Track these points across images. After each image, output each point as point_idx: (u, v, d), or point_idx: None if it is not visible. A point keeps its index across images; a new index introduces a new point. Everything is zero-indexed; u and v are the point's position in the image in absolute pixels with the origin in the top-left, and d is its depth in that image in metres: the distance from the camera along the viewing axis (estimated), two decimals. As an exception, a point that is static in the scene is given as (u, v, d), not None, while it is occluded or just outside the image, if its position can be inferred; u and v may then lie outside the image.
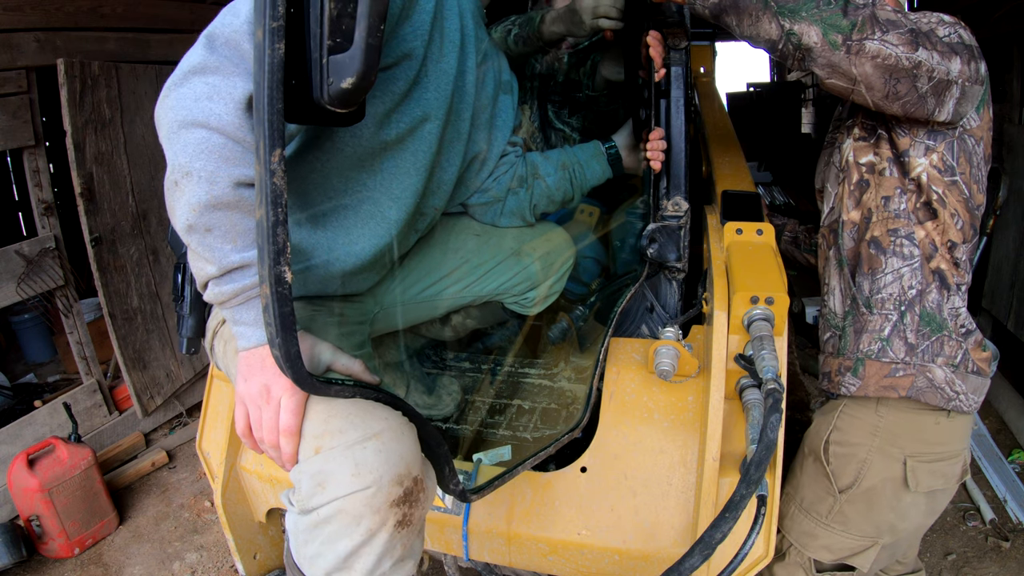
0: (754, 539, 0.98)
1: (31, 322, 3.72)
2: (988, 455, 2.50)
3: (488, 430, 1.58)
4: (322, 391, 0.84)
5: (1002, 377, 2.79)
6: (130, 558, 2.38)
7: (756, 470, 0.95)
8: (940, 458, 1.23)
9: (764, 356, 1.11)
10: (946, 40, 1.07)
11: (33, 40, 2.48)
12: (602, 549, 1.24)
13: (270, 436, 0.88)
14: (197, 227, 0.83)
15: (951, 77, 1.07)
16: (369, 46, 0.74)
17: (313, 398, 0.88)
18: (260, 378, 0.87)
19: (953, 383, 1.19)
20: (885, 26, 1.05)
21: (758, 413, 1.12)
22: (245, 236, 0.86)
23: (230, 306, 0.88)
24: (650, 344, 1.32)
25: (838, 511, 1.25)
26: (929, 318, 1.20)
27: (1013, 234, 2.71)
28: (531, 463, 1.26)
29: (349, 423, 0.86)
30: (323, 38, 0.74)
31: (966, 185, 1.17)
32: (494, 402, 1.66)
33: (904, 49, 1.05)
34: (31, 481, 2.25)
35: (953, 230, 1.18)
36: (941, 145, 1.16)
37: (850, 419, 1.25)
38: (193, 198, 0.81)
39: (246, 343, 0.88)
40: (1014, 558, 2.09)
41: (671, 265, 1.47)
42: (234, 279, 0.86)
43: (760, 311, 1.20)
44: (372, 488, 0.83)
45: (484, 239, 1.45)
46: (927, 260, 1.20)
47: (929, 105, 1.10)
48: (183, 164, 0.81)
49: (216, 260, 0.85)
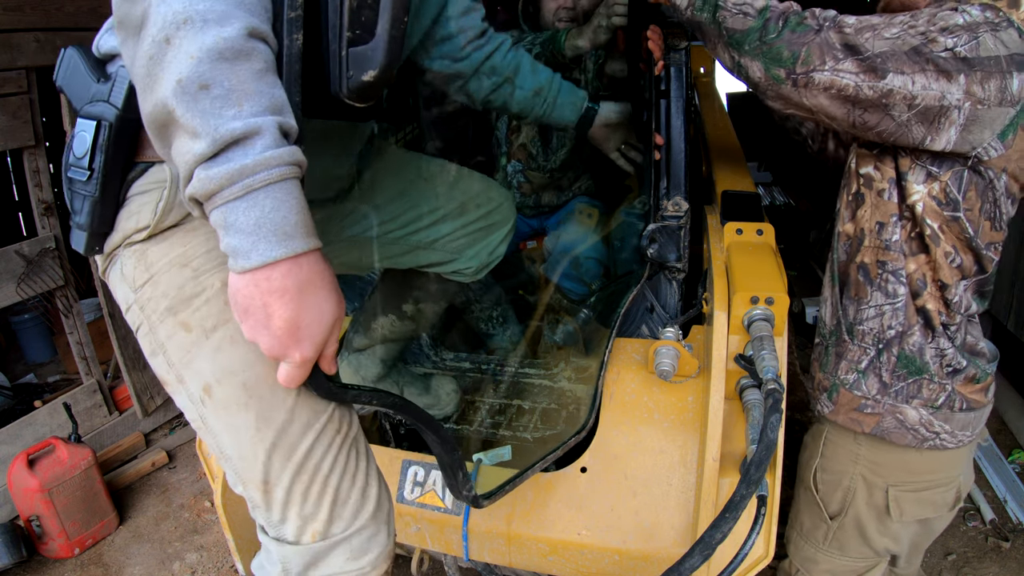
0: (754, 539, 0.98)
1: (31, 322, 3.71)
2: (988, 455, 2.50)
3: (488, 431, 1.58)
4: (340, 397, 0.81)
5: (1002, 377, 2.79)
6: (130, 558, 2.38)
7: (756, 470, 0.95)
8: (927, 487, 1.15)
9: (764, 356, 1.11)
10: (945, 55, 0.88)
11: (33, 40, 2.47)
12: (602, 549, 1.24)
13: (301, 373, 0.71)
14: (188, 83, 0.60)
15: (947, 102, 0.89)
16: (392, 38, 0.71)
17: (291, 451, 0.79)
18: (283, 309, 0.65)
19: (931, 424, 1.09)
20: (841, 53, 0.91)
21: (758, 413, 1.12)
22: (254, 99, 0.63)
23: (222, 200, 0.62)
24: (650, 344, 1.32)
25: (833, 537, 1.22)
26: (908, 361, 1.09)
27: (1013, 234, 2.71)
28: (541, 466, 1.26)
29: (347, 508, 0.84)
30: (342, 29, 0.71)
31: (972, 222, 0.99)
32: (494, 402, 1.66)
33: (866, 77, 0.91)
34: (31, 481, 2.24)
35: (946, 270, 1.03)
36: (947, 174, 0.97)
37: (833, 447, 1.21)
38: (194, 45, 0.60)
39: (246, 261, 0.63)
40: (1014, 558, 2.09)
41: (671, 265, 1.47)
42: (231, 157, 0.62)
43: (760, 311, 1.20)
44: (367, 568, 0.87)
45: (432, 184, 1.32)
46: (914, 297, 1.07)
47: (915, 134, 0.94)
48: (179, 12, 0.61)
49: (210, 129, 0.61)
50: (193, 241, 0.80)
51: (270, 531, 0.86)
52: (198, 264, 0.79)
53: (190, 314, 0.79)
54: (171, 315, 0.79)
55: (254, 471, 0.80)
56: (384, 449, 1.45)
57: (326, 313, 0.69)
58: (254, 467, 0.80)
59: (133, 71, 0.64)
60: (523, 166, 2.20)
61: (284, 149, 0.64)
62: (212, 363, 0.78)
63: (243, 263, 0.64)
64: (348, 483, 0.84)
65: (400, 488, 1.38)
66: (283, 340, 0.67)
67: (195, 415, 0.82)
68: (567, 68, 1.88)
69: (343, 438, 0.84)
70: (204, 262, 0.79)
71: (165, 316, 0.80)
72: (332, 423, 0.83)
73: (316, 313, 0.68)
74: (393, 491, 1.38)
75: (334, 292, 0.70)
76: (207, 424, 0.82)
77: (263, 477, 0.80)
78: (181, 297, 0.79)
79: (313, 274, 0.67)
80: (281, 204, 0.64)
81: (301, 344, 0.68)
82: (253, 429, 0.78)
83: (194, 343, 0.79)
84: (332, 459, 0.83)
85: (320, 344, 0.70)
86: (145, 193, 0.79)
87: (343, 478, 0.84)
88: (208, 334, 0.79)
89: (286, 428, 0.79)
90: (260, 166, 0.62)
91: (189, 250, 0.80)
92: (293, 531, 0.83)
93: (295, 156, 0.65)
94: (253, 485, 0.81)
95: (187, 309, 0.79)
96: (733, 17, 1.01)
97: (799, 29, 0.94)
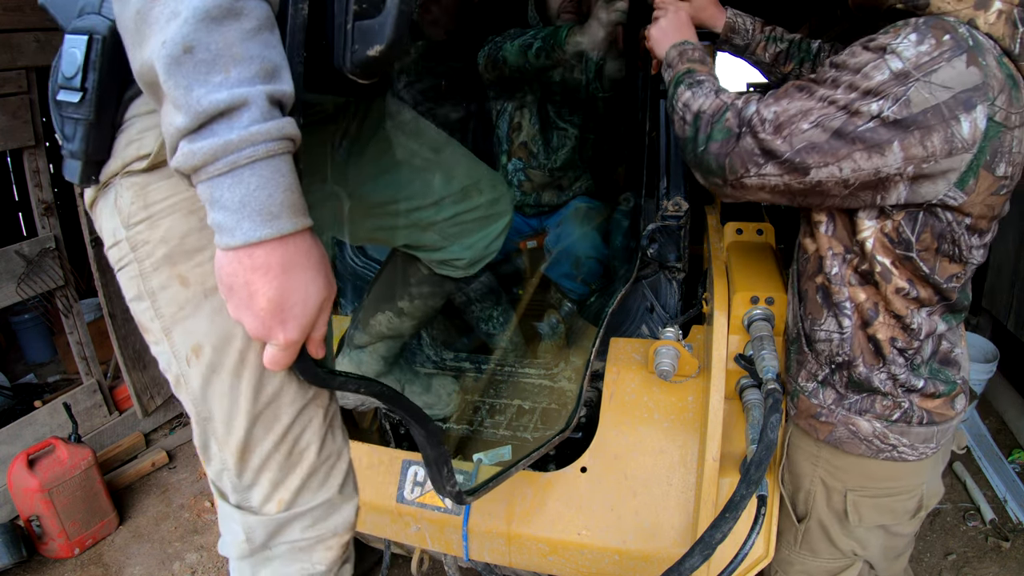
0: (754, 539, 0.98)
1: (31, 322, 3.71)
2: (988, 455, 2.50)
3: (477, 429, 1.58)
4: (327, 383, 0.79)
5: (1002, 377, 2.79)
6: (130, 558, 2.38)
7: (756, 470, 0.95)
8: (887, 494, 1.10)
9: (764, 356, 1.11)
10: (872, 126, 0.80)
11: (33, 40, 2.47)
12: (602, 549, 1.24)
13: (286, 356, 0.69)
14: (172, 45, 0.55)
15: (885, 173, 0.83)
16: (401, 12, 0.67)
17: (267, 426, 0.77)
18: (266, 288, 0.63)
19: (885, 436, 1.04)
20: (761, 158, 0.88)
21: (758, 413, 1.12)
22: (243, 65, 0.58)
23: (207, 175, 0.59)
24: (650, 344, 1.32)
25: (803, 540, 1.20)
26: (857, 385, 1.04)
27: (1013, 234, 2.71)
28: (524, 464, 1.26)
29: (316, 480, 0.84)
30: (349, 1, 0.69)
31: (926, 262, 0.92)
32: (482, 401, 1.66)
33: (791, 177, 0.87)
34: (31, 481, 2.24)
35: (898, 303, 0.96)
36: (899, 214, 0.89)
37: (795, 448, 1.18)
38: (182, 2, 0.56)
39: (231, 239, 0.61)
40: (1014, 558, 2.09)
41: (671, 265, 1.47)
42: (216, 131, 0.58)
43: (760, 311, 1.20)
44: (327, 534, 0.86)
45: (440, 157, 1.26)
46: (864, 326, 1.00)
47: (864, 199, 0.89)
48: None
49: (192, 101, 0.56)
50: None
51: (233, 496, 0.83)
52: (205, 214, 0.71)
53: (190, 268, 0.73)
54: (168, 264, 0.73)
55: (234, 436, 0.78)
56: (384, 449, 1.45)
57: (312, 294, 0.66)
58: (235, 433, 0.78)
59: (122, 24, 0.60)
60: (524, 164, 2.19)
61: (272, 123, 0.59)
62: (209, 325, 0.74)
63: (227, 240, 0.61)
64: (322, 458, 0.84)
65: (400, 488, 1.38)
66: (266, 321, 0.64)
67: (175, 372, 0.78)
68: (568, 63, 1.88)
69: (324, 412, 0.83)
70: None
71: (161, 264, 0.73)
72: (319, 398, 0.82)
73: (302, 294, 0.65)
74: (393, 491, 1.38)
75: (322, 273, 0.67)
76: (187, 383, 0.78)
77: (243, 443, 0.78)
78: (184, 248, 0.72)
79: (299, 253, 0.64)
80: (267, 182, 0.60)
81: (286, 325, 0.65)
82: (242, 397, 0.76)
83: (190, 300, 0.74)
84: (312, 433, 0.82)
85: (306, 326, 0.67)
86: (146, 115, 0.71)
87: (319, 452, 0.83)
88: (208, 294, 0.73)
89: (275, 398, 0.77)
90: (245, 142, 0.58)
91: (196, 195, 0.70)
92: (260, 497, 0.82)
93: (285, 130, 0.61)
94: (229, 450, 0.79)
95: (188, 262, 0.73)
96: (678, 121, 1.02)
97: (720, 137, 0.92)
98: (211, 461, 0.82)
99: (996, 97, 0.80)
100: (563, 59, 1.80)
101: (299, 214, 0.64)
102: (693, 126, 0.97)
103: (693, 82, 1.04)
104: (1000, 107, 0.80)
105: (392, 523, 1.40)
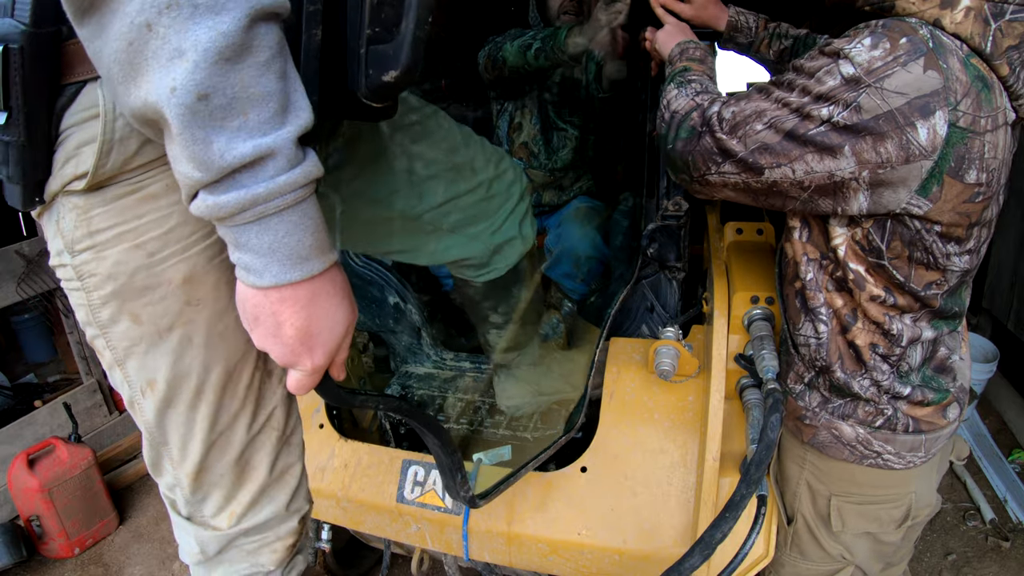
0: (754, 539, 0.98)
1: (31, 322, 3.71)
2: (988, 455, 2.50)
3: (479, 428, 1.58)
4: (349, 402, 0.82)
5: (1002, 377, 2.79)
6: (130, 558, 2.38)
7: (756, 470, 0.95)
8: (872, 501, 1.08)
9: (764, 356, 1.11)
10: (823, 130, 0.80)
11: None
12: (602, 549, 1.24)
13: (313, 380, 0.70)
14: (184, 93, 0.51)
15: (839, 177, 0.82)
16: (416, 38, 0.66)
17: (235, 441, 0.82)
18: (294, 319, 0.63)
19: (869, 443, 1.02)
20: (719, 157, 0.90)
21: (758, 413, 1.12)
22: (261, 105, 0.54)
23: (234, 223, 0.57)
24: (650, 344, 1.32)
25: (792, 542, 1.19)
26: (838, 390, 1.03)
27: (1013, 234, 2.71)
28: (533, 465, 1.26)
29: (266, 497, 0.87)
30: (363, 26, 0.67)
31: (899, 270, 0.90)
32: (482, 401, 1.66)
33: (748, 176, 0.89)
34: (31, 481, 2.24)
35: (875, 310, 0.94)
36: (868, 222, 0.88)
37: (783, 449, 1.17)
38: (186, 40, 0.50)
39: (259, 279, 0.60)
40: (1014, 558, 2.09)
41: (671, 265, 1.47)
42: (241, 182, 0.55)
43: (760, 311, 1.20)
44: (271, 538, 0.90)
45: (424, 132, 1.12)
46: (842, 331, 0.99)
47: (823, 206, 0.88)
48: None
49: (214, 156, 0.53)
50: (148, 216, 0.67)
51: (185, 509, 0.86)
52: (154, 247, 0.68)
53: (142, 307, 0.70)
54: (117, 300, 0.70)
55: (190, 461, 0.80)
56: (384, 449, 1.45)
57: (339, 322, 0.67)
58: (191, 458, 0.80)
59: (102, 52, 0.53)
60: (524, 164, 2.20)
61: (299, 170, 0.57)
62: (164, 365, 0.73)
63: (255, 280, 0.60)
64: (274, 475, 0.88)
65: (400, 488, 1.38)
66: (295, 348, 0.65)
67: (128, 395, 0.77)
68: (568, 65, 1.88)
69: (279, 434, 0.86)
70: (161, 245, 0.68)
71: (110, 299, 0.70)
72: (273, 421, 0.85)
73: (329, 321, 0.65)
74: (393, 491, 1.38)
75: (346, 299, 0.68)
76: (141, 410, 0.78)
77: (198, 467, 0.80)
78: (133, 286, 0.69)
79: (325, 283, 0.64)
80: (296, 227, 0.59)
81: (313, 352, 0.66)
82: (198, 428, 0.78)
83: (143, 337, 0.72)
84: (264, 453, 0.85)
85: (332, 352, 0.68)
86: (83, 125, 0.64)
87: (271, 470, 0.87)
88: (163, 333, 0.72)
89: (230, 427, 0.80)
90: (273, 194, 0.56)
91: (143, 226, 0.67)
92: (212, 510, 0.85)
93: (310, 175, 0.59)
94: (184, 471, 0.81)
95: (139, 300, 0.69)
96: (659, 118, 1.05)
97: (684, 136, 0.95)
98: (163, 476, 0.84)
99: (960, 101, 0.77)
100: (562, 60, 1.80)
101: (326, 252, 0.63)
102: (667, 124, 1.01)
103: (683, 81, 1.06)
104: (965, 111, 0.77)
105: (392, 523, 1.40)
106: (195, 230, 0.70)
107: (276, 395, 0.84)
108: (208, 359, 0.75)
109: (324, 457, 1.45)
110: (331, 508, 1.44)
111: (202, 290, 0.71)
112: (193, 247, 0.70)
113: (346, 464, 1.44)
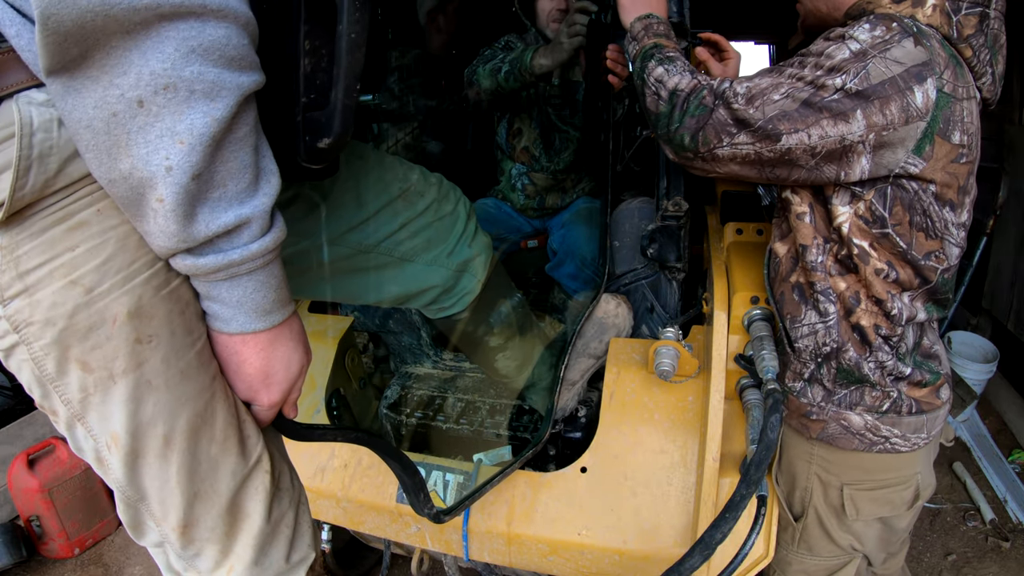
0: (754, 539, 0.99)
1: (31, 322, 3.71)
2: (988, 455, 2.50)
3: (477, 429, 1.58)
4: (306, 436, 0.85)
5: (1002, 377, 2.79)
6: (130, 558, 2.38)
7: (756, 470, 0.96)
8: (883, 486, 1.12)
9: (764, 356, 1.11)
10: (837, 97, 0.88)
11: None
12: (602, 549, 1.24)
13: (270, 415, 0.78)
14: (179, 174, 0.54)
15: (849, 140, 0.90)
16: (346, 107, 0.69)
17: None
18: (254, 359, 0.71)
19: (877, 428, 1.07)
20: (734, 128, 0.94)
21: (758, 413, 1.12)
22: (238, 176, 0.58)
23: (207, 279, 0.64)
24: (650, 344, 1.32)
25: (800, 538, 1.21)
26: (846, 373, 1.07)
27: (1013, 234, 2.70)
28: (498, 482, 1.27)
29: (268, 549, 0.80)
30: (299, 95, 0.70)
31: (903, 236, 0.97)
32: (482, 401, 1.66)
33: (762, 145, 0.94)
34: (31, 481, 2.24)
35: (878, 286, 1.00)
36: (870, 192, 0.95)
37: (787, 448, 1.19)
38: (181, 123, 0.52)
39: (225, 326, 0.68)
40: (1014, 558, 2.09)
41: (671, 265, 1.47)
42: (218, 246, 0.60)
43: (760, 311, 1.20)
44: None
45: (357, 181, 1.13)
46: (847, 315, 1.04)
47: (828, 174, 0.94)
48: (159, 74, 0.51)
49: (195, 231, 0.58)
50: (81, 246, 0.60)
51: (178, 563, 0.79)
52: (91, 282, 0.60)
53: (88, 351, 0.62)
54: (59, 347, 0.61)
55: (173, 516, 0.72)
56: (384, 449, 1.45)
57: (294, 363, 0.75)
58: (173, 512, 0.72)
59: (72, 114, 0.52)
60: (527, 168, 2.20)
61: (270, 237, 0.64)
62: (124, 414, 0.65)
63: (222, 327, 0.68)
64: (271, 523, 0.81)
65: (400, 488, 1.38)
66: (253, 385, 0.73)
67: (93, 453, 0.68)
68: (534, 84, 1.91)
69: (271, 475, 0.79)
70: (98, 279, 0.61)
71: (52, 349, 0.61)
72: (260, 465, 0.78)
73: (285, 362, 0.73)
74: (393, 491, 1.38)
75: (301, 344, 0.76)
76: (110, 468, 0.69)
77: (183, 521, 0.73)
78: (75, 329, 0.61)
79: (284, 330, 0.72)
80: (262, 285, 0.67)
81: (271, 390, 0.74)
82: (174, 480, 0.70)
83: (97, 385, 0.64)
84: (257, 500, 0.78)
85: (287, 391, 0.76)
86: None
87: (268, 518, 0.80)
88: (116, 378, 0.64)
89: (211, 475, 0.73)
90: (246, 260, 0.63)
91: (77, 258, 0.60)
92: (209, 564, 0.78)
93: (278, 240, 0.66)
94: (169, 526, 0.73)
95: (83, 344, 0.62)
96: (651, 96, 1.06)
97: (697, 112, 0.98)
98: (147, 535, 0.76)
99: (943, 72, 0.89)
100: (530, 81, 1.82)
101: (286, 305, 0.72)
102: (669, 102, 1.02)
103: (664, 58, 1.07)
104: (947, 80, 0.89)
105: (392, 523, 1.40)
106: (136, 258, 0.63)
107: (261, 433, 0.79)
108: (173, 402, 0.67)
109: (324, 457, 1.45)
110: (331, 508, 1.44)
111: (152, 325, 0.64)
112: (135, 277, 0.63)
113: (346, 464, 1.44)
